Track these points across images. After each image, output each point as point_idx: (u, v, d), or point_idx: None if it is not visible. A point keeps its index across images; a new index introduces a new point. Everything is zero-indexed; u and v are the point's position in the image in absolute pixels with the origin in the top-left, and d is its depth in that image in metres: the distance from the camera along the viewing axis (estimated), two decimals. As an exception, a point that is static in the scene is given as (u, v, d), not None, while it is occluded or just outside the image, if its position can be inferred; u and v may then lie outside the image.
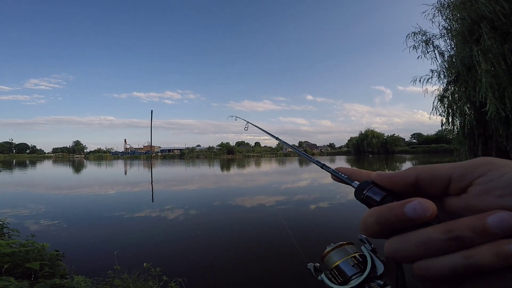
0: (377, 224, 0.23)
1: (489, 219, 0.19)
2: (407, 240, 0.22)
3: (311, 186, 12.13)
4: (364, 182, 0.26)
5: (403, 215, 0.21)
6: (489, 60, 6.87)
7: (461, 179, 0.23)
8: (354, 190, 0.27)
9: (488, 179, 0.21)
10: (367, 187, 0.26)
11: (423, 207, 0.21)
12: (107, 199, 9.67)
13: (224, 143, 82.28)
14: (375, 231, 0.24)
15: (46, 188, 12.70)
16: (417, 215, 0.21)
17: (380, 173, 0.26)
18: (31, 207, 7.99)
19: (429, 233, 0.21)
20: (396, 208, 0.22)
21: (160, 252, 4.39)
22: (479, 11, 7.14)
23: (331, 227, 5.72)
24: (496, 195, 0.21)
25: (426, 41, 9.32)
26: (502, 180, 0.21)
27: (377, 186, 0.25)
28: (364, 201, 0.26)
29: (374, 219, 0.23)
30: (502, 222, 0.19)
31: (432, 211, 0.21)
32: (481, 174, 0.22)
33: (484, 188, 0.21)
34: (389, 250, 0.23)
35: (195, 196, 10.29)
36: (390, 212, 0.22)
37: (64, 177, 19.93)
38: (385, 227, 0.23)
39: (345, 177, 0.29)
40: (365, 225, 0.24)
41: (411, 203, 0.21)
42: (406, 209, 0.21)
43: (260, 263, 3.96)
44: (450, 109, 9.04)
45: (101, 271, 2.97)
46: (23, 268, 2.43)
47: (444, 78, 9.20)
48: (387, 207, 0.23)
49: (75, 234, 5.42)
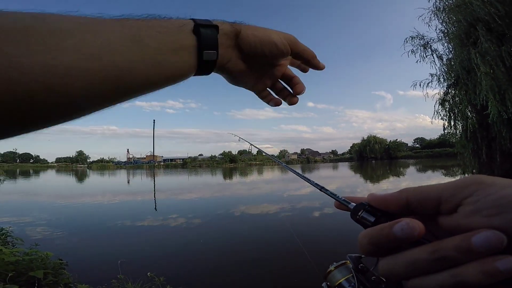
0: (370, 244, 0.24)
1: (473, 238, 0.20)
2: (398, 260, 0.23)
3: (313, 193, 12.07)
4: (360, 204, 0.27)
5: (392, 235, 0.22)
6: (487, 63, 6.87)
7: (451, 200, 0.23)
8: (350, 212, 0.28)
9: (475, 199, 0.22)
10: (361, 209, 0.27)
11: (410, 227, 0.22)
12: (111, 208, 9.68)
13: (226, 152, 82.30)
14: (370, 251, 0.25)
15: (49, 197, 12.74)
16: (405, 234, 0.22)
17: (374, 195, 0.27)
18: (35, 216, 8.01)
19: (417, 253, 0.22)
20: (385, 228, 0.23)
21: (164, 261, 4.35)
22: (474, 14, 7.19)
23: (338, 235, 5.61)
24: (483, 215, 0.21)
25: (424, 45, 9.35)
26: (488, 200, 0.21)
27: (371, 208, 0.26)
28: (359, 222, 0.27)
29: (368, 239, 0.24)
30: (486, 241, 0.20)
31: (419, 230, 0.22)
32: (469, 194, 0.22)
33: (472, 208, 0.22)
34: (383, 269, 0.24)
35: (198, 205, 10.26)
36: (381, 233, 0.23)
37: (67, 187, 19.98)
38: (378, 246, 0.24)
39: (342, 199, 0.30)
40: (361, 245, 0.25)
41: (399, 223, 0.22)
42: (394, 230, 0.22)
43: (265, 272, 3.91)
44: (452, 113, 8.99)
45: (104, 280, 2.94)
46: (26, 276, 2.43)
47: (444, 81, 9.19)
48: (378, 228, 0.24)
49: (79, 243, 5.41)
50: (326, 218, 7.00)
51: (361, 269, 0.34)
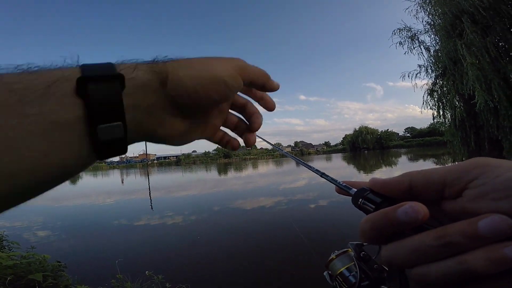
0: (372, 230, 0.23)
1: (480, 223, 0.19)
2: (401, 247, 0.22)
3: (309, 185, 12.21)
4: (361, 189, 0.27)
5: (396, 219, 0.21)
6: (473, 54, 7.02)
7: (455, 183, 0.22)
8: (351, 197, 0.27)
9: (481, 182, 0.21)
10: (363, 194, 0.26)
11: (414, 210, 0.20)
12: (106, 209, 9.61)
13: (220, 148, 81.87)
14: (372, 237, 0.24)
15: (43, 200, 12.50)
16: (409, 218, 0.21)
17: (376, 180, 0.26)
18: (29, 220, 7.90)
19: (421, 239, 0.21)
20: (389, 212, 0.22)
21: (162, 259, 4.37)
22: (460, 6, 7.31)
23: (339, 225, 5.66)
24: (490, 198, 0.20)
25: (411, 37, 9.47)
26: (496, 182, 0.20)
27: (373, 193, 0.26)
28: (360, 207, 0.26)
29: (370, 224, 0.23)
30: (493, 226, 0.18)
31: (423, 214, 0.20)
32: (475, 177, 0.21)
33: (478, 191, 0.21)
34: (385, 257, 0.23)
35: (194, 201, 10.26)
36: (384, 217, 0.22)
37: (60, 189, 19.61)
38: (381, 232, 0.23)
39: (343, 185, 0.29)
40: (363, 232, 0.24)
41: (403, 207, 0.21)
42: (398, 213, 0.21)
43: (264, 264, 3.95)
44: (440, 103, 9.17)
45: (104, 280, 2.96)
46: (26, 279, 2.43)
47: (432, 72, 9.34)
48: (381, 212, 0.23)
49: (76, 244, 5.39)
50: (325, 209, 7.09)
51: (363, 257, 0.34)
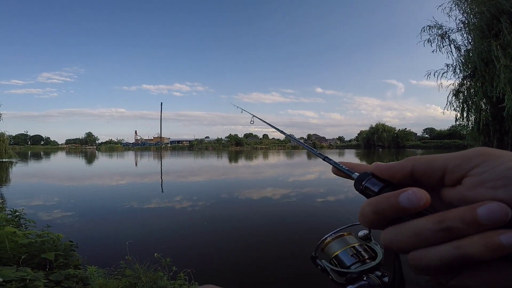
0: (373, 213, 0.23)
1: (479, 210, 0.19)
2: (401, 230, 0.22)
3: (319, 179, 12.13)
4: (364, 173, 0.26)
5: (398, 204, 0.21)
6: (508, 55, 6.60)
7: (456, 170, 0.23)
8: (354, 182, 0.27)
9: (481, 170, 0.21)
10: (366, 178, 0.26)
11: (416, 196, 0.21)
12: (119, 190, 9.92)
13: (233, 135, 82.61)
14: (372, 221, 0.24)
15: (60, 180, 13.09)
16: (411, 204, 0.21)
17: (379, 164, 0.26)
18: (46, 198, 8.26)
19: (421, 223, 0.21)
20: (391, 197, 0.22)
21: (171, 243, 4.48)
22: (499, 6, 6.88)
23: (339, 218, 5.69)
24: (489, 186, 0.21)
25: (442, 35, 9.05)
26: (495, 171, 0.21)
27: (375, 177, 0.26)
28: (363, 192, 0.26)
29: (371, 208, 0.23)
30: (491, 213, 0.19)
31: (425, 200, 0.21)
32: (475, 165, 0.22)
33: (477, 179, 0.21)
34: (385, 240, 0.23)
35: (204, 187, 10.44)
36: (386, 201, 0.22)
37: (77, 168, 20.50)
38: (382, 216, 0.23)
39: (345, 169, 0.29)
40: (363, 215, 0.24)
41: (405, 192, 0.21)
42: (400, 198, 0.21)
43: (267, 254, 4.00)
44: (465, 104, 8.83)
45: (113, 261, 3.01)
46: (39, 258, 2.53)
47: (460, 72, 8.96)
48: (383, 196, 0.23)
49: (88, 224, 5.60)
50: (329, 203, 7.05)
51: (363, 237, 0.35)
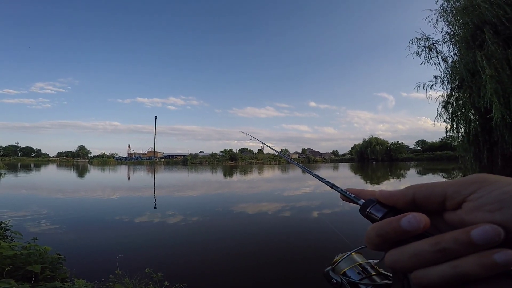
0: (377, 236, 0.25)
1: (472, 232, 0.21)
2: (403, 252, 0.24)
3: (313, 193, 12.07)
4: (369, 200, 0.29)
5: (400, 227, 0.24)
6: (493, 66, 6.81)
7: (455, 196, 0.25)
8: (359, 207, 0.29)
9: (479, 195, 0.23)
10: (370, 205, 0.28)
11: (416, 220, 0.23)
12: (110, 204, 9.67)
13: (227, 150, 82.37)
14: (377, 243, 0.26)
15: (49, 192, 12.76)
16: (411, 226, 0.23)
17: (383, 192, 0.28)
18: (34, 210, 8.01)
19: (420, 245, 0.23)
20: (393, 221, 0.24)
21: (162, 258, 4.36)
22: (482, 16, 7.14)
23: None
24: (486, 210, 0.22)
25: (429, 47, 9.29)
26: (491, 196, 0.23)
27: (380, 204, 0.28)
28: (368, 217, 0.28)
29: (375, 232, 0.26)
30: (484, 234, 0.21)
31: (425, 223, 0.23)
32: (473, 191, 0.24)
33: (475, 204, 0.23)
34: (388, 261, 0.25)
35: (197, 202, 10.25)
36: (388, 226, 0.24)
37: (67, 181, 20.02)
38: (385, 239, 0.25)
39: (352, 196, 0.32)
40: (369, 239, 0.26)
41: (406, 216, 0.24)
42: (402, 222, 0.24)
43: (261, 271, 3.90)
44: (455, 116, 8.95)
45: (102, 275, 2.94)
46: (24, 270, 2.41)
47: (448, 84, 9.14)
48: (386, 221, 0.25)
49: (77, 237, 5.41)
50: (329, 216, 6.99)
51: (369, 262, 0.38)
